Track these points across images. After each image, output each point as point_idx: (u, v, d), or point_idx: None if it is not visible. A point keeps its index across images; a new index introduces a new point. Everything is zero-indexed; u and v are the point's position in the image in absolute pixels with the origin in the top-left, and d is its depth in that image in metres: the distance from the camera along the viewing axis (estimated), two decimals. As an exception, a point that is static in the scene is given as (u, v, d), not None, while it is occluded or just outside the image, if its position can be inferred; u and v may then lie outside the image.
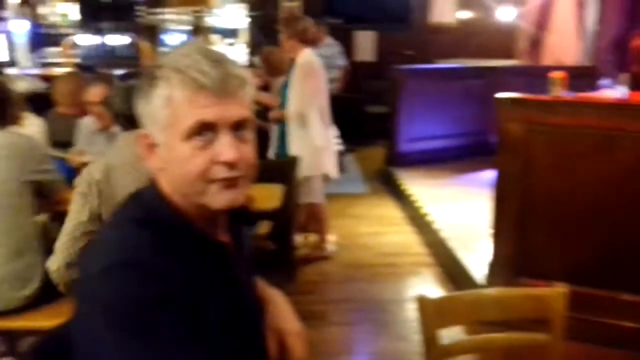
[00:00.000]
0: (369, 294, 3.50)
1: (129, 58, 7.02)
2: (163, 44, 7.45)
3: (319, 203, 3.89)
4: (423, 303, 1.33)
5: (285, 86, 3.72)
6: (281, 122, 3.76)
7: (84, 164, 2.72)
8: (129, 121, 1.92)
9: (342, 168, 4.47)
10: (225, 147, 0.91)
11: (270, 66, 4.37)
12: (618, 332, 2.76)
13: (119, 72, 3.37)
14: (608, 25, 5.87)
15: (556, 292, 1.36)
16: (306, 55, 3.57)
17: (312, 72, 3.56)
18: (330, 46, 6.54)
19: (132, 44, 7.13)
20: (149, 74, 0.93)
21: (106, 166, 1.91)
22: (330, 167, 3.84)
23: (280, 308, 1.15)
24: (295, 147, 3.67)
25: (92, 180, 1.89)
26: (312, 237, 4.08)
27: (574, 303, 1.42)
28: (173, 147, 0.92)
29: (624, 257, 2.80)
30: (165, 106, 0.91)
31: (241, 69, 0.95)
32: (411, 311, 3.26)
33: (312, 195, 3.80)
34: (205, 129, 0.91)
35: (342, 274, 3.76)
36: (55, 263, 1.96)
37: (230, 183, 0.93)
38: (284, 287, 1.23)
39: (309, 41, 3.62)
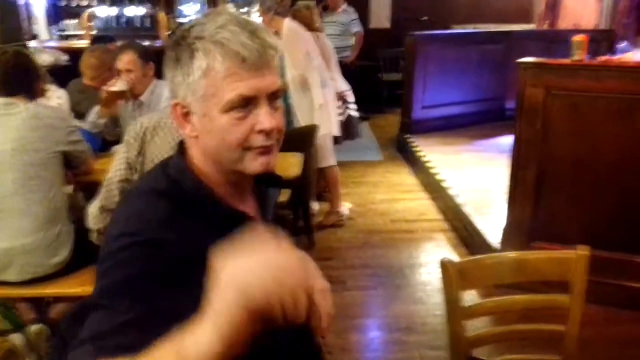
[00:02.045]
0: (385, 259, 3.56)
1: (146, 29, 7.01)
2: (180, 15, 7.42)
3: (332, 166, 3.96)
4: (447, 267, 1.38)
5: None
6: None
7: (117, 94, 2.78)
8: None
9: (356, 134, 4.51)
10: (264, 117, 0.94)
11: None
12: (634, 294, 2.80)
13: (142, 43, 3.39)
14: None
15: (578, 255, 1.39)
16: (286, 25, 3.68)
17: (297, 39, 3.68)
18: (346, 13, 6.47)
19: (149, 15, 7.10)
20: (187, 45, 0.94)
21: (157, 122, 1.94)
22: (333, 124, 3.92)
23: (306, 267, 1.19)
24: (301, 114, 3.74)
25: (139, 131, 1.92)
26: (327, 204, 4.14)
27: (591, 266, 1.45)
28: (212, 117, 0.94)
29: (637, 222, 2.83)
30: (205, 77, 0.93)
31: (273, 38, 0.97)
32: (426, 275, 3.33)
33: (326, 159, 3.88)
34: (245, 101, 0.93)
35: (359, 240, 3.82)
36: (93, 207, 2.04)
37: (265, 150, 0.96)
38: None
39: (285, 12, 3.73)
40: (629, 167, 2.79)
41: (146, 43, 4.45)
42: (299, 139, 3.31)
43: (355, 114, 4.39)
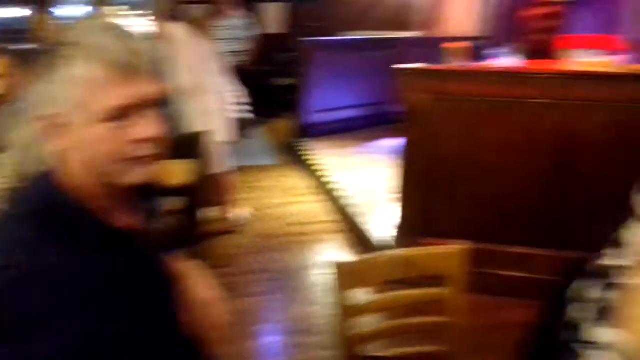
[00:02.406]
0: (282, 263, 3.58)
1: (22, 32, 6.54)
2: (58, 17, 6.99)
3: (225, 172, 3.93)
4: (337, 267, 1.41)
5: None
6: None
7: None
8: None
9: (247, 136, 4.51)
10: (145, 126, 0.90)
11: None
12: (510, 282, 3.03)
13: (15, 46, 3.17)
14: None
15: (457, 250, 1.48)
16: (179, 30, 3.64)
17: (189, 44, 3.65)
18: (242, 17, 6.43)
19: (24, 17, 6.64)
20: (60, 52, 0.88)
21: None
22: (225, 130, 3.90)
23: (198, 279, 1.15)
24: (192, 120, 3.69)
25: (26, 138, 1.82)
26: (222, 210, 4.10)
27: (473, 258, 1.55)
28: (88, 128, 0.88)
29: (516, 215, 3.07)
30: (80, 86, 0.87)
31: (154, 43, 0.93)
32: (322, 276, 3.39)
33: (218, 165, 3.84)
34: (124, 110, 0.88)
35: (256, 245, 3.81)
36: None
37: (146, 159, 0.92)
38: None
39: (178, 16, 3.71)
40: (504, 166, 3.02)
41: (23, 47, 4.17)
42: (188, 145, 3.24)
43: (246, 116, 4.38)
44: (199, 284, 1.15)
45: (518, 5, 5.34)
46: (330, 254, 3.71)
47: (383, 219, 3.63)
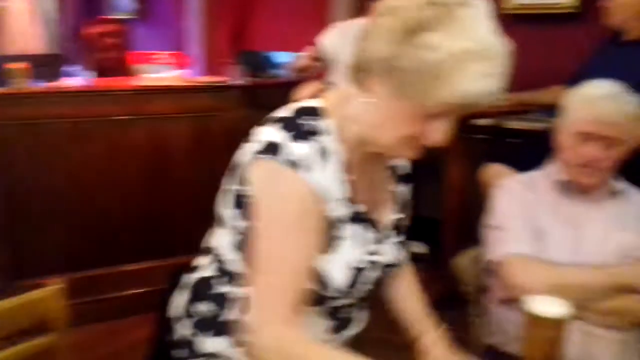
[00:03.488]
0: None
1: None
2: None
3: None
4: None
5: None
6: None
7: None
8: None
9: None
10: None
11: None
12: (133, 300, 2.95)
13: None
14: (67, 13, 6.00)
15: (51, 290, 1.35)
16: None
17: None
18: None
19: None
20: None
21: None
22: None
23: None
24: None
25: None
26: None
27: (78, 290, 1.42)
28: None
29: (120, 234, 3.03)
30: None
31: None
32: None
33: None
34: None
35: None
36: None
37: None
38: None
39: None
40: (96, 187, 2.94)
41: None
42: None
43: None
44: None
45: (81, 22, 5.26)
46: None
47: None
